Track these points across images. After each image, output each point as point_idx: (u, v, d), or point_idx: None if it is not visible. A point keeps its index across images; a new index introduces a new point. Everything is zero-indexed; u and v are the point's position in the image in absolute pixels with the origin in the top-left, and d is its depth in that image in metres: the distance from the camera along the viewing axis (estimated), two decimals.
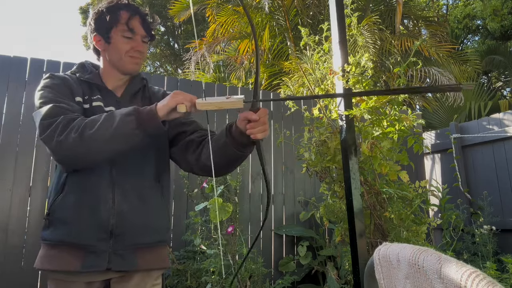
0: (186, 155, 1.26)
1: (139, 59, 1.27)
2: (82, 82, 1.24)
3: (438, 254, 0.66)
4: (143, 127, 1.05)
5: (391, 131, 2.05)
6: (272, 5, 6.76)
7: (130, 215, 1.15)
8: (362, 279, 1.06)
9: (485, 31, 10.85)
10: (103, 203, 1.12)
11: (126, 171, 1.17)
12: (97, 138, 1.03)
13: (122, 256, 1.13)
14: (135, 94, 1.31)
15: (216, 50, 6.97)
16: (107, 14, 1.23)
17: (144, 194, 1.19)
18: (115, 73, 1.28)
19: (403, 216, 1.98)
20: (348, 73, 1.96)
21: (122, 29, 1.22)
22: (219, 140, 1.16)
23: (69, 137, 1.03)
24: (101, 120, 1.06)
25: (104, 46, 1.25)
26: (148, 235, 1.19)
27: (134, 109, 1.08)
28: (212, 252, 2.73)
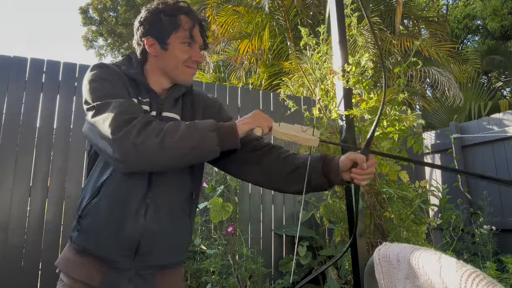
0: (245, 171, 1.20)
1: (195, 70, 1.18)
2: (127, 77, 1.13)
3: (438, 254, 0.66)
4: (222, 144, 1.02)
5: (391, 131, 2.05)
6: (272, 5, 6.76)
7: (159, 235, 1.07)
8: (362, 279, 1.06)
9: (485, 31, 10.85)
10: (133, 218, 1.05)
11: (164, 186, 1.10)
12: (179, 148, 0.98)
13: (143, 277, 1.07)
14: (177, 99, 1.20)
15: (216, 50, 6.97)
16: (166, 16, 1.12)
17: (176, 214, 1.12)
18: (164, 80, 1.17)
19: (403, 216, 1.98)
20: (348, 73, 1.96)
21: (182, 35, 1.12)
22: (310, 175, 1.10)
23: (148, 141, 0.95)
24: (182, 130, 0.99)
25: (158, 51, 1.14)
26: (172, 256, 1.14)
27: (216, 125, 1.03)
28: (212, 252, 2.73)
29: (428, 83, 6.84)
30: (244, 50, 6.78)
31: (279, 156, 1.17)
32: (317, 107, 2.26)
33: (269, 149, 1.19)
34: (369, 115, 2.03)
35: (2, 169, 2.79)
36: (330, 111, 2.23)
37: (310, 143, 1.04)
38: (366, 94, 2.05)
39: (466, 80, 6.91)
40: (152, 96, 1.15)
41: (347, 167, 1.07)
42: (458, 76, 6.39)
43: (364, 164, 1.04)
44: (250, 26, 6.76)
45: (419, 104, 7.09)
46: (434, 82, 5.69)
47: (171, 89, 1.19)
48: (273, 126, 1.05)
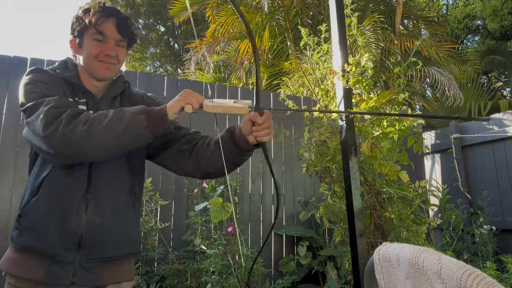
0: (181, 162, 1.24)
1: (111, 64, 1.19)
2: (64, 80, 1.18)
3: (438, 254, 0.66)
4: (153, 127, 1.04)
5: (391, 131, 2.06)
6: (272, 5, 6.76)
7: (101, 228, 1.10)
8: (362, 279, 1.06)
9: (485, 31, 10.85)
10: (75, 212, 1.07)
11: (103, 179, 1.13)
12: (106, 133, 1.00)
13: (88, 270, 1.09)
14: (115, 97, 1.25)
15: (216, 50, 6.97)
16: (81, 18, 1.18)
17: (118, 206, 1.15)
18: (90, 78, 1.21)
19: (403, 216, 1.98)
20: (348, 73, 1.96)
21: (92, 32, 1.17)
22: (222, 147, 1.15)
23: (76, 130, 0.98)
24: (110, 116, 1.02)
25: (78, 50, 1.20)
26: (117, 249, 1.15)
27: (144, 108, 1.06)
28: (212, 252, 2.73)
29: (428, 83, 6.83)
30: (244, 50, 6.78)
31: (204, 142, 1.22)
32: (317, 107, 2.26)
33: (200, 139, 1.25)
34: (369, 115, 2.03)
35: (2, 169, 2.79)
36: None
37: (240, 111, 1.06)
38: (366, 94, 2.05)
39: (466, 80, 6.91)
40: (89, 97, 1.20)
41: (249, 129, 1.10)
42: (458, 76, 6.39)
43: (259, 118, 1.06)
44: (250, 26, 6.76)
45: (419, 104, 7.09)
46: (434, 82, 5.68)
47: (107, 88, 1.24)
48: (204, 102, 1.06)
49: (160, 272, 2.88)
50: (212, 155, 1.18)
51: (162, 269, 2.87)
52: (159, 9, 12.92)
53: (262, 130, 1.08)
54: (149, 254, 2.93)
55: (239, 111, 1.06)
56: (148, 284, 2.75)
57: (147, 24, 13.94)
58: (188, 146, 1.24)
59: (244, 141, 1.13)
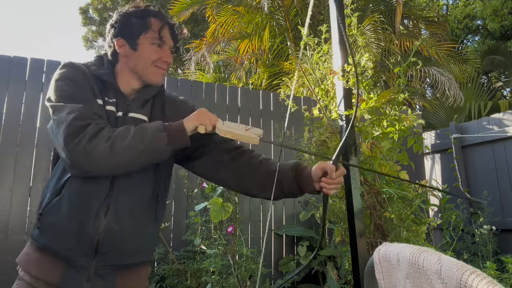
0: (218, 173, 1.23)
1: (165, 71, 1.20)
2: (95, 77, 1.15)
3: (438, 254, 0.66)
4: (172, 143, 1.04)
5: (391, 131, 2.06)
6: (272, 5, 6.76)
7: (119, 235, 1.09)
8: (362, 279, 1.06)
9: (485, 31, 10.85)
10: (94, 218, 1.06)
11: (126, 187, 1.11)
12: (129, 151, 1.01)
13: (102, 277, 1.07)
14: (147, 100, 1.22)
15: (216, 50, 6.96)
16: (135, 19, 1.16)
17: (138, 215, 1.13)
18: (133, 80, 1.19)
19: (403, 216, 1.98)
20: (348, 73, 1.96)
21: (152, 36, 1.16)
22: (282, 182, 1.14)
23: (98, 146, 0.98)
24: (132, 133, 1.02)
25: (128, 52, 1.17)
26: (134, 256, 1.14)
27: (164, 125, 1.06)
28: (212, 252, 2.73)
29: (428, 83, 6.83)
30: (244, 50, 6.78)
31: (251, 159, 1.21)
32: (317, 107, 2.26)
33: (241, 152, 1.23)
34: (369, 115, 2.03)
35: (2, 169, 2.79)
36: (330, 111, 2.23)
37: (251, 141, 1.08)
38: (366, 94, 2.05)
39: (466, 80, 6.91)
40: (120, 97, 1.17)
41: (318, 176, 1.11)
42: (458, 76, 6.39)
43: (334, 173, 1.07)
44: (250, 26, 6.76)
45: (419, 104, 7.09)
46: (434, 82, 5.68)
47: (140, 91, 1.21)
48: (217, 124, 1.08)
49: (160, 272, 2.88)
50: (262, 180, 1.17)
51: (162, 269, 2.87)
52: None
53: (332, 183, 1.08)
54: None
55: (250, 141, 1.08)
56: (148, 284, 2.75)
57: None
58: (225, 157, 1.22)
59: (310, 187, 1.13)
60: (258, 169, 1.18)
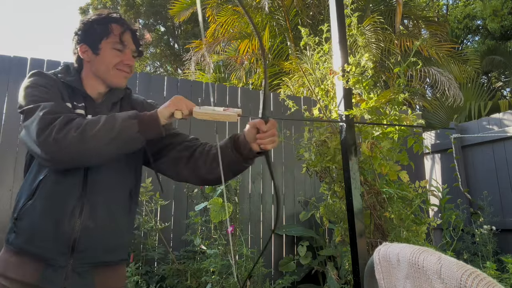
0: (179, 169, 1.25)
1: (127, 73, 1.24)
2: (64, 84, 1.19)
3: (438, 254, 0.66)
4: (144, 132, 1.06)
5: (391, 131, 2.06)
6: (272, 5, 6.76)
7: (95, 232, 1.10)
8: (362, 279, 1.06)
9: (485, 31, 10.85)
10: (69, 216, 1.08)
11: (100, 183, 1.14)
12: (99, 139, 1.02)
13: (80, 275, 1.09)
14: (115, 102, 1.27)
15: (216, 50, 6.97)
16: (97, 25, 1.21)
17: (113, 211, 1.15)
18: (98, 84, 1.23)
19: (403, 216, 1.98)
20: (348, 73, 1.96)
21: (113, 41, 1.20)
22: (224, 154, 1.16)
23: (68, 135, 1.00)
24: (102, 121, 1.04)
25: (91, 57, 1.21)
26: (111, 254, 1.16)
27: (136, 113, 1.08)
28: (212, 252, 2.73)
29: (428, 83, 6.83)
30: (244, 50, 6.78)
31: (203, 150, 1.24)
32: (317, 107, 2.26)
33: (199, 146, 1.26)
34: (369, 115, 2.03)
35: (2, 169, 2.79)
36: (330, 111, 2.23)
37: (229, 119, 1.07)
38: (366, 94, 2.05)
39: (466, 80, 6.91)
40: (88, 101, 1.21)
41: (253, 136, 1.12)
42: (458, 76, 6.39)
43: (263, 126, 1.08)
44: (250, 26, 6.76)
45: (419, 104, 7.09)
46: (434, 82, 5.68)
47: (107, 94, 1.25)
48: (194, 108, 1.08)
49: (160, 272, 2.88)
50: (213, 163, 1.19)
51: (162, 269, 2.87)
52: (159, 9, 12.92)
53: (266, 137, 1.10)
54: (149, 254, 2.93)
55: (228, 119, 1.07)
56: (148, 284, 2.75)
57: (147, 24, 13.93)
58: (186, 152, 1.25)
59: (248, 149, 1.14)
60: (207, 156, 1.22)
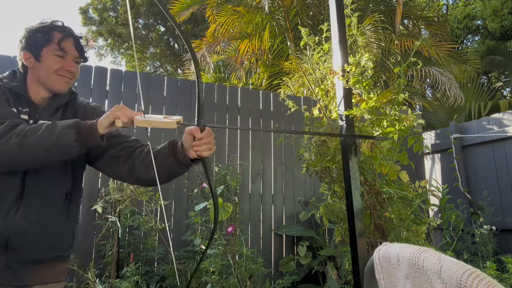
0: (116, 168, 1.29)
1: (69, 79, 1.28)
2: (9, 90, 1.24)
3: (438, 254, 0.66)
4: (82, 141, 1.10)
5: (391, 131, 2.05)
6: (272, 5, 6.76)
7: (29, 231, 1.15)
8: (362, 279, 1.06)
9: (485, 31, 10.85)
10: (4, 216, 1.13)
11: (37, 186, 1.18)
12: (37, 146, 1.07)
13: (13, 270, 1.14)
14: (58, 108, 1.31)
15: (216, 50, 6.97)
16: (39, 33, 1.25)
17: (48, 212, 1.20)
18: (41, 89, 1.27)
19: (403, 216, 1.98)
20: (348, 73, 1.96)
21: (54, 48, 1.24)
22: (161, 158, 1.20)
23: (9, 142, 1.06)
24: (42, 129, 1.09)
25: (34, 63, 1.26)
26: (46, 252, 1.20)
27: (76, 122, 1.12)
28: (212, 252, 2.73)
29: (428, 83, 6.83)
30: (244, 50, 6.78)
31: (142, 150, 1.28)
32: (317, 107, 2.26)
33: (138, 147, 1.31)
34: (369, 115, 2.03)
35: None
36: (330, 111, 2.23)
37: (169, 126, 1.10)
38: (366, 94, 2.05)
39: (466, 80, 6.90)
40: (31, 106, 1.26)
41: (189, 143, 1.15)
42: (458, 76, 6.38)
43: (198, 133, 1.12)
44: (250, 26, 6.76)
45: (419, 104, 7.09)
46: (434, 82, 5.68)
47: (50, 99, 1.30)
48: (135, 117, 1.11)
49: (160, 272, 2.88)
50: (148, 165, 1.21)
51: (162, 269, 2.87)
52: (159, 9, 12.89)
53: (202, 145, 1.13)
54: (149, 254, 2.93)
55: (167, 126, 1.10)
56: (148, 284, 2.75)
57: (147, 24, 13.94)
58: (124, 152, 1.29)
59: (183, 155, 1.18)
60: (144, 157, 1.25)
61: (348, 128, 1.89)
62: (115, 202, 2.89)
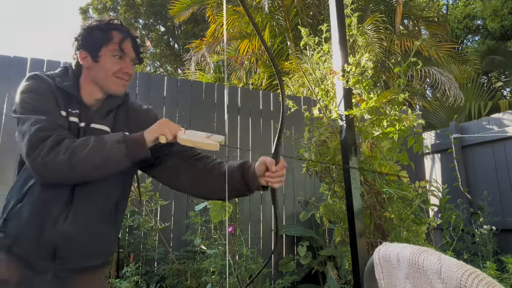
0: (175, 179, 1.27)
1: (126, 81, 1.25)
2: (60, 89, 1.19)
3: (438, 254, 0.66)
4: (131, 155, 1.09)
5: (391, 131, 2.05)
6: (272, 5, 6.76)
7: (77, 240, 1.13)
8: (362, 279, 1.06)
9: (485, 31, 10.85)
10: (53, 223, 1.10)
11: (86, 195, 1.16)
12: (87, 163, 1.05)
13: (61, 280, 1.12)
14: (110, 110, 1.26)
15: (216, 50, 6.97)
16: (98, 32, 1.21)
17: (97, 220, 1.18)
18: (96, 91, 1.23)
19: (403, 216, 1.98)
20: (348, 73, 1.96)
21: (113, 49, 1.20)
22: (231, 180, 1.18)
23: (57, 158, 1.03)
24: (91, 145, 1.06)
25: (90, 63, 1.21)
26: (92, 259, 1.20)
27: (124, 136, 1.10)
28: (212, 252, 2.73)
29: (428, 83, 6.83)
30: (244, 50, 6.78)
31: (206, 165, 1.25)
32: (317, 107, 2.26)
33: (199, 159, 1.28)
34: (369, 115, 2.03)
35: (3, 169, 2.79)
36: (330, 111, 2.23)
37: (211, 148, 1.11)
38: (366, 94, 2.05)
39: (466, 80, 6.90)
40: (83, 108, 1.21)
41: (262, 172, 1.16)
42: (458, 76, 6.38)
43: (273, 167, 1.13)
44: (250, 26, 6.76)
45: (419, 104, 7.09)
46: (434, 82, 5.68)
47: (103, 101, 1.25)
48: (178, 134, 1.11)
49: (160, 272, 2.88)
50: (215, 184, 1.21)
51: (162, 269, 2.87)
52: (159, 9, 12.92)
53: (275, 177, 1.14)
54: (149, 254, 2.93)
55: (210, 148, 1.11)
56: (148, 284, 2.75)
57: (147, 24, 13.94)
58: (184, 164, 1.26)
59: (255, 184, 1.18)
60: (211, 173, 1.23)
61: (348, 128, 1.89)
62: None
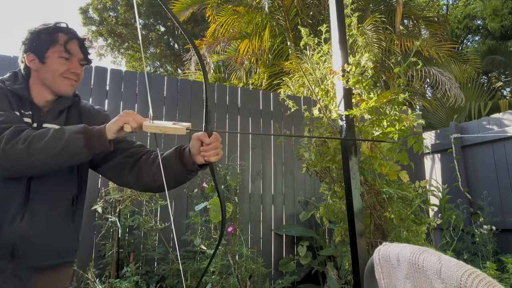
0: (121, 174, 1.27)
1: (75, 82, 1.27)
2: (11, 92, 1.21)
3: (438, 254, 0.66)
4: (90, 146, 1.09)
5: (391, 131, 2.05)
6: (272, 5, 6.76)
7: (35, 239, 1.13)
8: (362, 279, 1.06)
9: (485, 31, 10.85)
10: (9, 222, 1.11)
11: (42, 192, 1.16)
12: (45, 152, 1.05)
13: (20, 278, 1.12)
14: (62, 111, 1.28)
15: (216, 50, 6.96)
16: (43, 35, 1.22)
17: (54, 218, 1.18)
18: (45, 92, 1.25)
19: (403, 216, 1.98)
20: (348, 73, 1.96)
21: (59, 50, 1.22)
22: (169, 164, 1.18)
23: (15, 147, 1.03)
24: (49, 135, 1.07)
25: (38, 65, 1.23)
26: (52, 258, 1.19)
27: (84, 127, 1.10)
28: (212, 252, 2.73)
29: (428, 83, 6.83)
30: (244, 50, 6.78)
31: (149, 157, 1.26)
32: (317, 107, 2.26)
33: (144, 153, 1.28)
34: (369, 115, 2.03)
35: None
36: (330, 111, 2.23)
37: (178, 131, 1.10)
38: (366, 94, 2.05)
39: (466, 80, 6.90)
40: (35, 109, 1.23)
41: (197, 149, 1.14)
42: (458, 76, 6.38)
43: (206, 139, 1.11)
44: (250, 26, 6.76)
45: (419, 104, 7.09)
46: (434, 82, 5.68)
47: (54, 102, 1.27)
48: (144, 122, 1.10)
49: (160, 272, 2.88)
50: (156, 172, 1.20)
51: (162, 269, 2.87)
52: (159, 9, 12.92)
53: (209, 150, 1.12)
54: (149, 254, 2.93)
55: (177, 132, 1.10)
56: (148, 284, 2.75)
57: (147, 24, 13.94)
58: (130, 159, 1.27)
59: (191, 162, 1.17)
60: (152, 164, 1.23)
61: (348, 128, 1.89)
62: (115, 202, 2.89)
